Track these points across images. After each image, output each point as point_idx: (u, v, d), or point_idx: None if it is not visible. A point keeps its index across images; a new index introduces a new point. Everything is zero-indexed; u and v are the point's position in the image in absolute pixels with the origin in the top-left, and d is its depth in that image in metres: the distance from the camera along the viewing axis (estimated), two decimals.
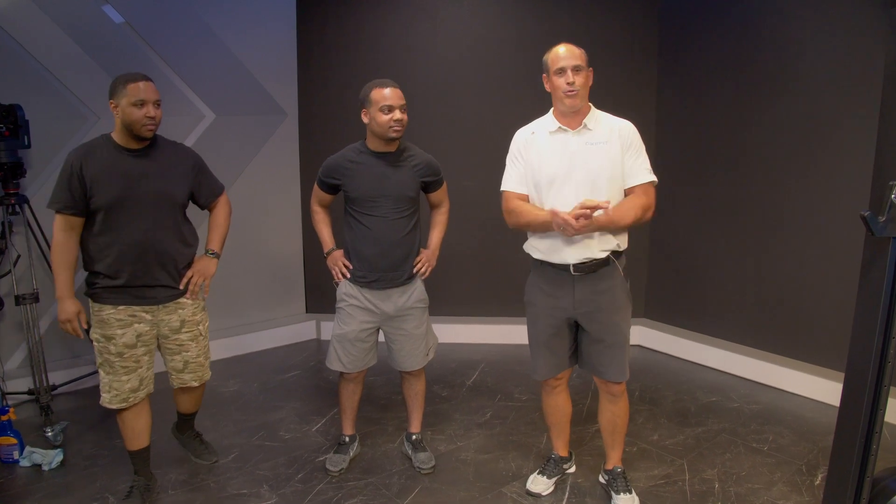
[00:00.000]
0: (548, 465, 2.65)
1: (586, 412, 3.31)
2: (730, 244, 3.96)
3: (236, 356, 4.28)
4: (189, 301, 2.49)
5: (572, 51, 2.21)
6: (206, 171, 2.56)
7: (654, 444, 2.97)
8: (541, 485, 2.58)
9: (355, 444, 2.88)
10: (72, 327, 2.31)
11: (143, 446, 2.51)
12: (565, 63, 2.18)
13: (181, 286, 2.46)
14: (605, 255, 2.25)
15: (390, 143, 2.53)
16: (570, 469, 2.73)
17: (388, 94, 2.45)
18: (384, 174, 2.53)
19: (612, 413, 2.46)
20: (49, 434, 2.97)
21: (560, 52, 2.21)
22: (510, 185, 2.36)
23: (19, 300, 3.15)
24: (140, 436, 2.49)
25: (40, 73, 3.49)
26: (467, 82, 4.42)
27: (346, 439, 2.85)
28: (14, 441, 2.80)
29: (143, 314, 2.39)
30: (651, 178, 2.25)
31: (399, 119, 2.46)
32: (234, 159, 4.24)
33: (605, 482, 2.58)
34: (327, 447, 2.95)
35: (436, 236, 2.79)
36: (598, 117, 2.28)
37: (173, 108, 3.26)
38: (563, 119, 2.27)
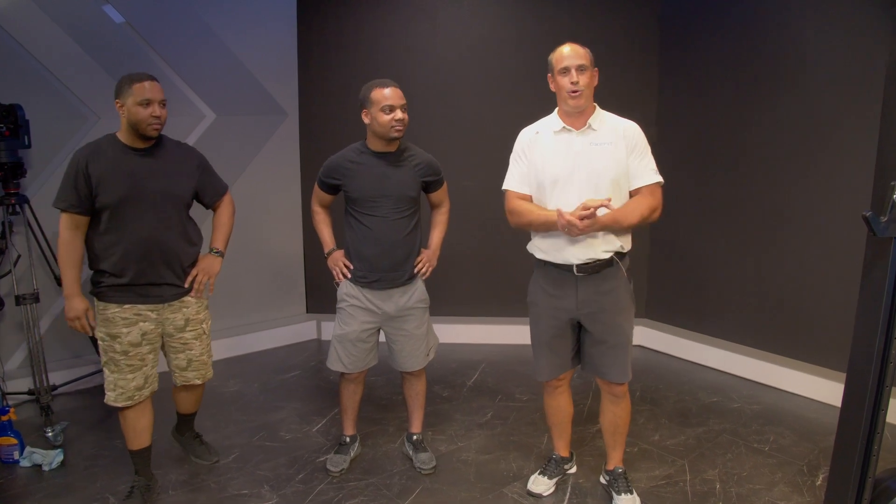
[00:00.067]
0: (549, 465, 2.65)
1: (587, 412, 3.31)
2: (731, 244, 3.96)
3: (237, 356, 4.28)
4: (193, 300, 2.51)
5: (577, 50, 2.19)
6: (210, 171, 2.58)
7: (655, 445, 2.96)
8: (542, 485, 2.58)
9: (356, 445, 2.88)
10: (80, 324, 2.32)
11: (144, 446, 2.51)
12: (569, 63, 2.17)
13: (186, 284, 2.47)
14: (608, 255, 2.24)
15: (391, 143, 2.53)
16: (571, 469, 2.73)
17: (388, 94, 2.45)
18: (385, 174, 2.53)
19: (613, 414, 2.46)
20: (49, 434, 2.97)
21: (564, 51, 2.20)
22: (512, 184, 2.36)
23: (20, 300, 3.15)
24: (142, 435, 2.50)
25: (40, 72, 3.49)
26: (467, 82, 4.42)
27: (347, 440, 2.85)
28: (14, 441, 2.80)
29: (148, 313, 2.40)
30: (657, 178, 2.24)
31: (400, 119, 2.46)
32: (234, 159, 4.23)
33: (606, 483, 2.58)
34: (328, 447, 2.95)
35: (436, 236, 2.78)
36: (602, 118, 2.27)
37: (174, 109, 3.23)
38: (568, 119, 2.26)
